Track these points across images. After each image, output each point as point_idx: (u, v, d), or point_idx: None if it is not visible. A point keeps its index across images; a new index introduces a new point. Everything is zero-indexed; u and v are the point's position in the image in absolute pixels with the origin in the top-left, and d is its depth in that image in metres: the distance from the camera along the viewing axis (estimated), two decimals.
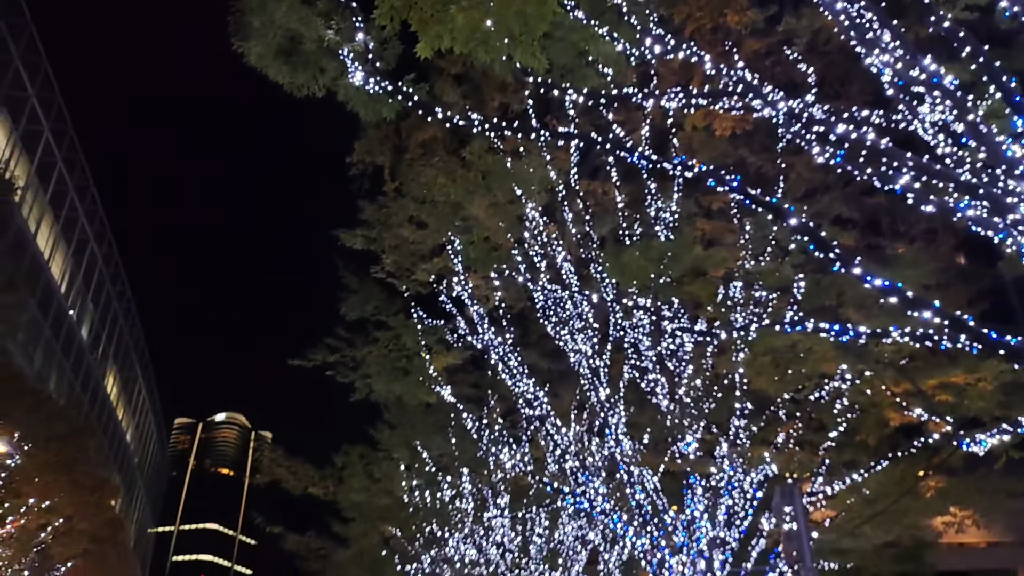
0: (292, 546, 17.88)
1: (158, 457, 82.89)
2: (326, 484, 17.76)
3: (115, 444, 59.61)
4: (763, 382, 10.98)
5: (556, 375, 14.64)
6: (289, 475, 17.38)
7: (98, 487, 24.89)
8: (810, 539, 8.25)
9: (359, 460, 18.71)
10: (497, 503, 17.53)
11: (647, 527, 11.46)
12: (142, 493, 72.83)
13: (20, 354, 35.83)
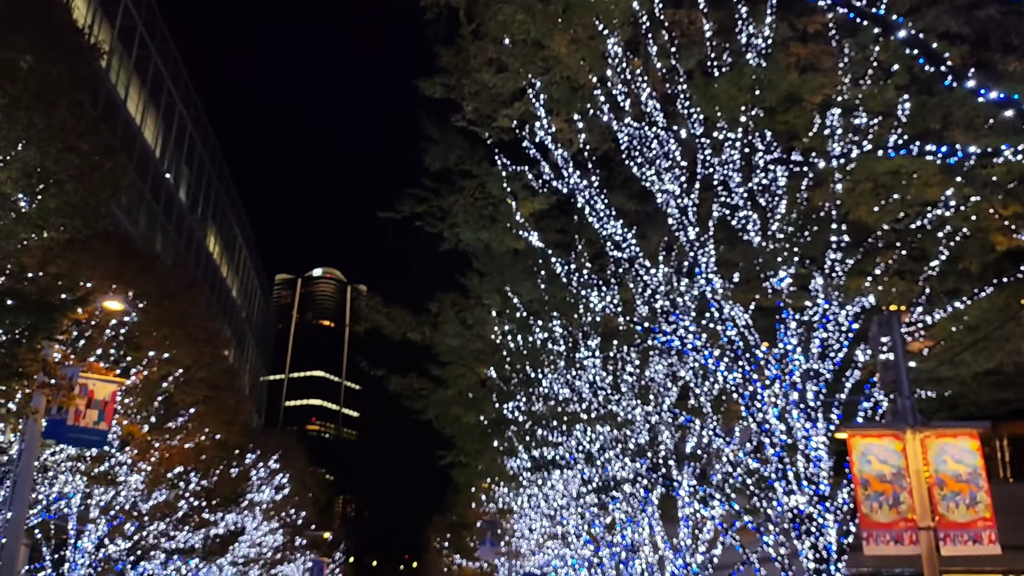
0: (395, 387, 18.84)
1: (263, 311, 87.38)
2: (423, 330, 18.42)
3: (222, 300, 62.97)
4: (862, 212, 10.59)
5: (643, 216, 14.46)
6: (388, 321, 18.07)
7: (211, 339, 26.49)
8: (908, 368, 8.16)
9: (451, 308, 19.24)
10: (588, 344, 17.90)
11: (738, 362, 11.55)
12: (252, 344, 77.40)
13: (125, 218, 37.62)
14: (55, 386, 16.59)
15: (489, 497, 30.87)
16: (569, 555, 26.36)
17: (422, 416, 20.84)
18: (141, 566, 28.51)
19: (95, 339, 19.92)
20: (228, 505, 31.96)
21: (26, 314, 14.17)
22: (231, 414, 28.22)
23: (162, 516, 26.70)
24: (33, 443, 18.05)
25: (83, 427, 17.80)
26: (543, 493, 24.23)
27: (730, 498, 15.02)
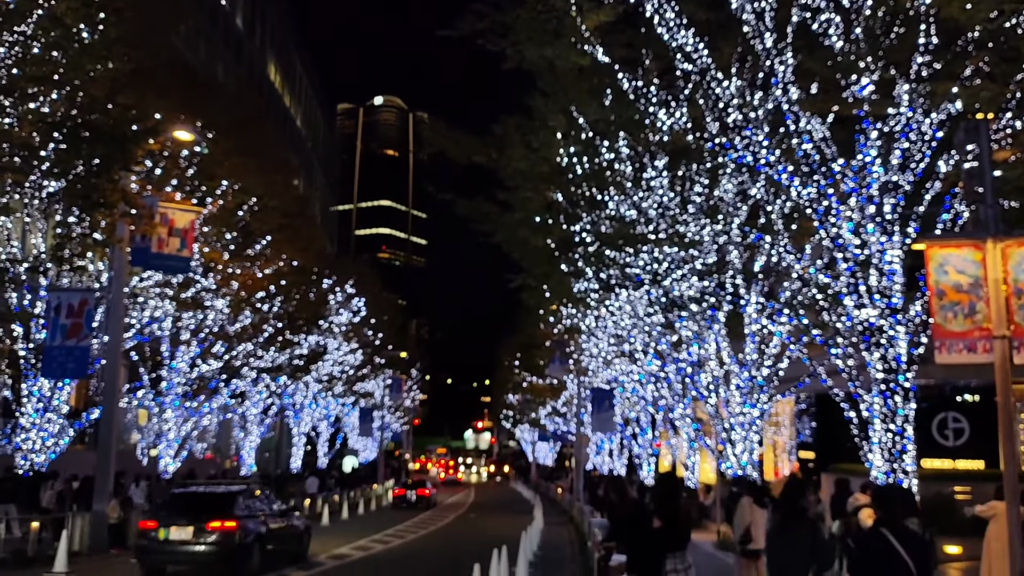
0: (463, 211, 18.97)
1: (327, 141, 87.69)
2: (488, 152, 18.26)
3: (287, 130, 63.25)
4: (953, 10, 9.78)
5: (715, 26, 13.65)
6: (453, 145, 17.94)
7: (281, 168, 26.92)
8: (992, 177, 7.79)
9: (516, 131, 18.93)
10: (655, 164, 17.55)
11: (813, 177, 11.22)
12: (319, 174, 78.36)
13: (185, 48, 37.35)
14: (136, 215, 17.22)
15: (557, 318, 31.65)
16: (636, 371, 27.19)
17: (490, 240, 21.07)
18: (233, 384, 30.59)
19: (170, 170, 20.42)
20: (309, 327, 33.60)
21: (101, 145, 14.51)
22: (306, 241, 29.09)
23: (249, 337, 28.28)
24: (121, 270, 19.04)
25: (167, 254, 18.61)
26: (610, 313, 24.69)
27: (798, 313, 15.07)
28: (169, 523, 14.54)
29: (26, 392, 19.84)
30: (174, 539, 14.32)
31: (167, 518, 14.73)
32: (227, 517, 14.50)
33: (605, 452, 46.42)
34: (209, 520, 14.36)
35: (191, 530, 14.34)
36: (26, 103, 13.77)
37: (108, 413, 18.71)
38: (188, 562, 14.73)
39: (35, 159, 14.53)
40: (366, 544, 20.67)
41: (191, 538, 14.33)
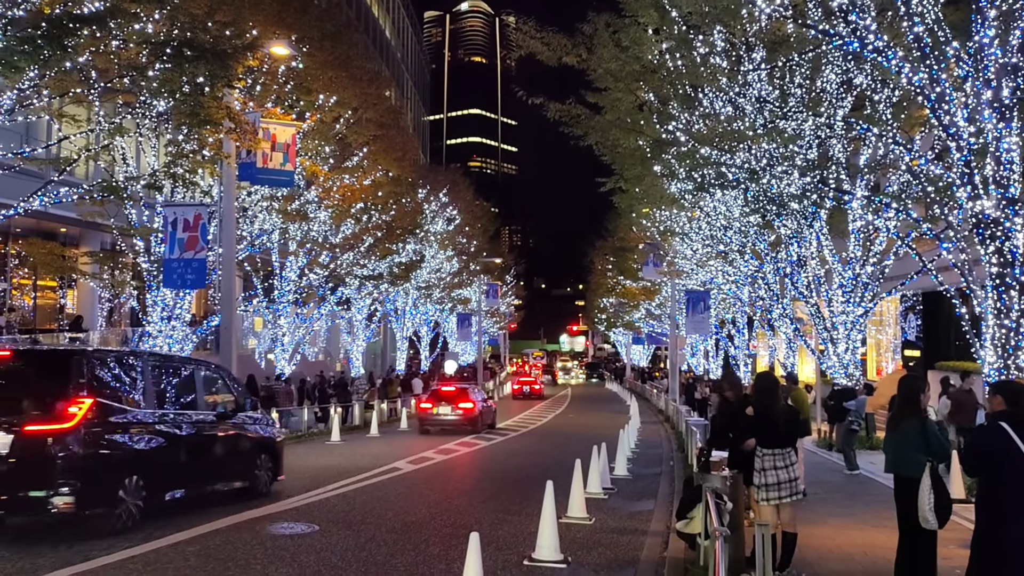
0: (553, 114, 18.80)
1: (416, 50, 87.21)
2: (578, 52, 17.94)
3: (377, 41, 63.14)
4: None
5: None
6: (543, 47, 17.67)
7: (373, 79, 27.09)
8: None
9: (606, 29, 18.47)
10: (752, 57, 16.90)
11: (925, 62, 10.64)
12: (409, 84, 78.34)
13: None
14: (240, 131, 17.79)
15: (651, 220, 31.37)
16: (732, 272, 26.87)
17: (581, 143, 20.88)
18: (338, 291, 31.83)
19: (269, 85, 20.89)
20: (407, 236, 34.40)
21: (204, 63, 14.93)
22: (400, 151, 29.48)
23: (351, 247, 29.21)
24: (231, 185, 19.83)
25: (271, 168, 19.24)
26: (704, 214, 24.32)
27: (907, 207, 14.54)
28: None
29: (151, 302, 21.21)
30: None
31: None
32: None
33: (700, 353, 46.43)
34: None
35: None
36: (130, 24, 14.24)
37: (227, 320, 19.84)
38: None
39: (143, 79, 15.11)
40: (471, 440, 21.61)
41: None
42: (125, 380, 9.68)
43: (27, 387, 8.85)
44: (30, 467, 8.18)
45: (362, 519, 9.83)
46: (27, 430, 8.28)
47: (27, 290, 29.05)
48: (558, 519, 7.96)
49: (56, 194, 15.09)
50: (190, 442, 10.27)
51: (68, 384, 8.68)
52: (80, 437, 8.43)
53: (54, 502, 8.11)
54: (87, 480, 8.34)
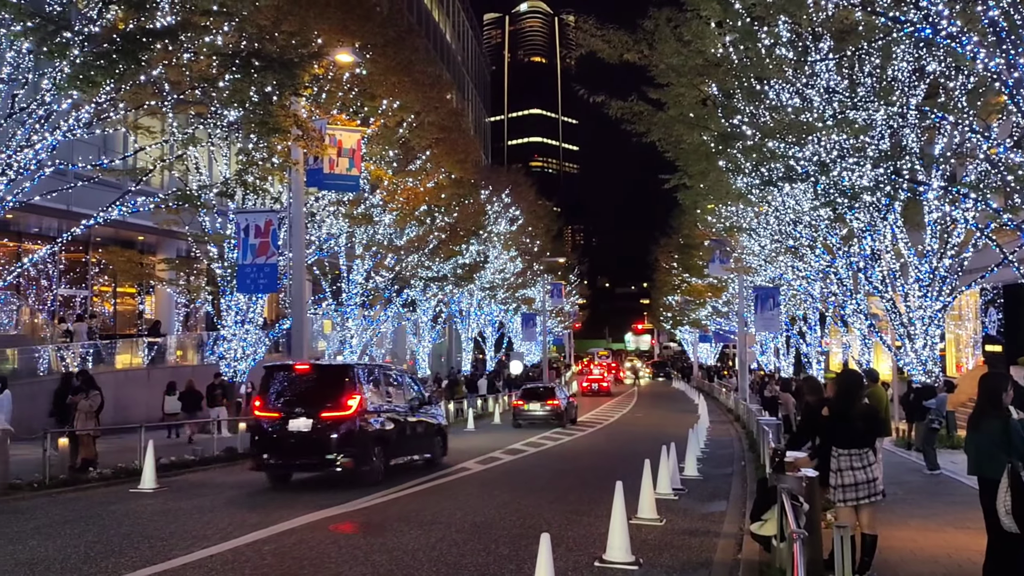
0: (615, 112, 18.64)
1: (476, 53, 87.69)
2: (640, 49, 17.76)
3: (438, 44, 63.69)
4: None
5: None
6: (603, 44, 17.54)
7: (435, 83, 27.36)
8: None
9: (667, 24, 18.25)
10: (820, 47, 16.51)
11: (1002, 46, 10.22)
12: (470, 86, 78.82)
13: None
14: (308, 138, 18.16)
15: (716, 216, 30.90)
16: (802, 268, 26.28)
17: (644, 140, 20.67)
18: (404, 293, 32.22)
19: (334, 92, 21.28)
20: (471, 237, 34.62)
21: (272, 72, 15.29)
22: (462, 153, 29.68)
23: (416, 249, 29.54)
24: (299, 191, 20.25)
25: (337, 174, 19.56)
26: (773, 208, 23.84)
27: (986, 197, 14.00)
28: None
29: (225, 307, 21.83)
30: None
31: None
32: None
33: (771, 351, 45.55)
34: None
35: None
36: (201, 37, 14.67)
37: (298, 323, 20.27)
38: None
39: (214, 90, 15.55)
40: (537, 440, 21.63)
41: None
42: (373, 384, 14.19)
43: (320, 389, 13.34)
44: (325, 440, 12.76)
45: (432, 518, 9.92)
46: (322, 416, 12.88)
47: (107, 297, 30.16)
48: (628, 520, 7.90)
49: (133, 204, 15.62)
50: (402, 426, 14.56)
51: (345, 387, 13.18)
52: (354, 421, 12.96)
53: (340, 462, 12.67)
54: (358, 448, 12.87)
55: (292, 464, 13.18)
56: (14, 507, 10.73)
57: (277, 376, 13.82)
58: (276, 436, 12.97)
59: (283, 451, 12.95)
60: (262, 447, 13.11)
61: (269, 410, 13.27)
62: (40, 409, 18.75)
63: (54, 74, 13.24)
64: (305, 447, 12.81)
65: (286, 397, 13.41)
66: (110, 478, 13.28)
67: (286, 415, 13.01)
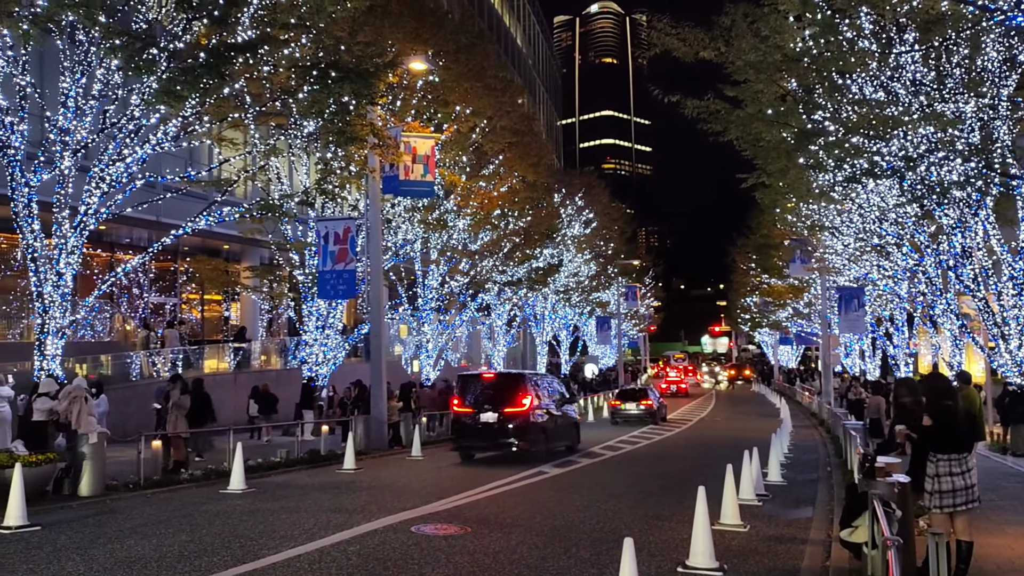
0: (690, 111, 18.35)
1: (547, 56, 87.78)
2: (716, 46, 17.46)
3: (509, 49, 64.01)
4: None
5: None
6: (678, 43, 17.32)
7: (507, 88, 27.49)
8: None
9: (743, 20, 17.89)
10: (904, 38, 15.95)
11: None
12: (541, 90, 78.93)
13: None
14: (384, 146, 18.48)
15: (796, 215, 30.15)
16: (888, 267, 25.43)
17: (720, 139, 20.29)
18: (479, 298, 32.42)
19: (408, 100, 21.59)
20: (544, 240, 34.63)
21: (348, 82, 15.60)
22: (535, 156, 29.74)
23: (490, 253, 29.71)
24: (376, 198, 20.62)
25: (413, 180, 19.85)
26: (856, 205, 23.12)
27: None
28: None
29: (307, 313, 22.35)
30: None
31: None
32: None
33: (855, 353, 44.20)
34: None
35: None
36: (280, 50, 15.08)
37: (375, 328, 20.63)
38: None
39: (293, 101, 15.97)
40: (614, 444, 21.46)
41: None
42: (537, 388, 18.55)
43: (502, 392, 17.83)
44: (506, 429, 17.15)
45: (512, 521, 9.94)
46: (504, 411, 17.27)
47: (195, 304, 31.23)
48: (711, 525, 7.75)
49: (219, 214, 16.14)
50: (555, 420, 18.80)
51: (521, 390, 17.77)
52: (527, 416, 17.34)
53: (517, 444, 17.00)
54: (530, 435, 17.25)
55: (482, 446, 17.70)
56: (111, 507, 11.18)
57: (470, 382, 18.73)
58: (470, 425, 17.56)
59: (475, 436, 17.53)
60: (459, 433, 17.87)
61: (465, 407, 17.89)
62: (132, 413, 19.54)
63: (142, 90, 13.79)
64: (492, 434, 17.31)
65: (477, 397, 17.84)
66: (201, 479, 13.73)
67: (477, 410, 17.51)
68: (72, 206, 14.00)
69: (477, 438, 17.48)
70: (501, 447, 17.31)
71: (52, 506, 10.92)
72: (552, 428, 18.49)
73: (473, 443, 17.63)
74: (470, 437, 17.55)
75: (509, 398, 17.49)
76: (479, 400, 17.66)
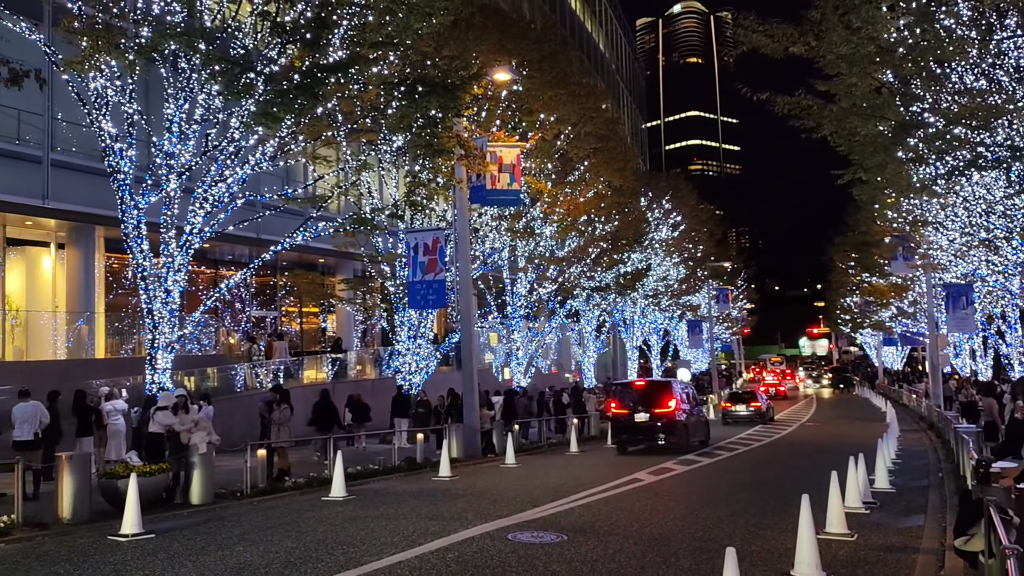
0: (781, 108, 17.90)
1: (630, 59, 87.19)
2: (806, 40, 17.00)
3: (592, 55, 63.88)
4: None
5: None
6: (767, 39, 16.92)
7: (590, 93, 27.45)
8: None
9: (834, 12, 17.37)
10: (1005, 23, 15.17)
11: None
12: (625, 93, 78.43)
13: None
14: (470, 157, 18.71)
15: (896, 211, 29.00)
16: (998, 262, 24.16)
17: (813, 136, 19.73)
18: (567, 304, 32.40)
19: (492, 110, 21.81)
20: (632, 245, 34.36)
21: (435, 96, 15.88)
22: (620, 161, 29.56)
23: (577, 260, 29.66)
24: (463, 208, 20.87)
25: (499, 189, 20.02)
26: (961, 199, 22.09)
27: None
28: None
29: (399, 323, 22.79)
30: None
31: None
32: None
33: (966, 353, 42.18)
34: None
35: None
36: (369, 68, 15.47)
37: (466, 337, 20.85)
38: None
39: (382, 118, 16.35)
40: (709, 451, 21.07)
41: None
42: (680, 392, 22.08)
43: (652, 395, 21.37)
44: (656, 427, 20.62)
45: (608, 530, 9.88)
46: (655, 412, 20.75)
47: (294, 316, 32.25)
48: (816, 534, 7.52)
49: (315, 229, 16.63)
50: (694, 418, 22.32)
51: (667, 394, 21.37)
52: (674, 415, 20.77)
53: (665, 440, 20.42)
54: (677, 432, 20.69)
55: (636, 441, 21.07)
56: (220, 514, 11.64)
57: (624, 388, 23.03)
58: (626, 424, 21.14)
59: (630, 433, 21.07)
60: (617, 431, 21.59)
61: (621, 409, 21.56)
62: (238, 423, 20.30)
63: (241, 113, 14.37)
64: (644, 431, 20.82)
65: (630, 400, 21.44)
66: (303, 487, 14.14)
67: (632, 411, 21.08)
68: (178, 226, 14.66)
69: (632, 434, 20.98)
70: (652, 441, 20.69)
71: (165, 514, 11.43)
72: (691, 425, 21.82)
73: (629, 439, 21.06)
74: (626, 434, 21.11)
75: (657, 401, 21.00)
76: (633, 403, 21.24)
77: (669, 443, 20.34)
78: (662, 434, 20.39)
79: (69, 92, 14.04)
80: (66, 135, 21.56)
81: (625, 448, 21.02)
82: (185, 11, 13.76)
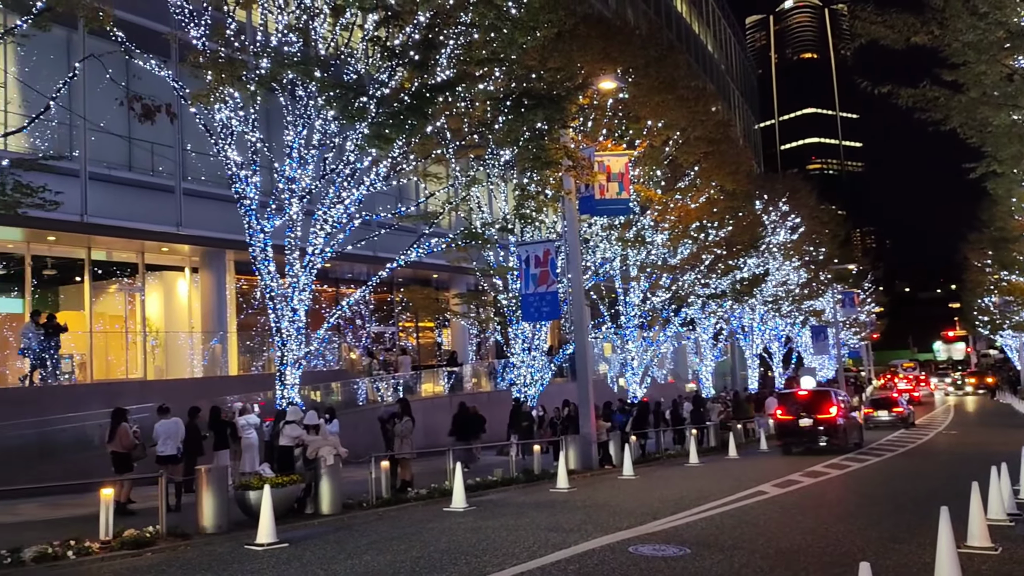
0: (905, 101, 17.07)
1: (740, 58, 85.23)
2: (929, 29, 16.17)
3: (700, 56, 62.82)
4: None
5: None
6: (887, 30, 16.20)
7: (699, 97, 26.94)
8: None
9: None
10: None
11: None
12: (736, 94, 76.68)
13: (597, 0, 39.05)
14: (578, 168, 18.71)
15: None
16: None
17: (941, 128, 18.72)
18: (682, 312, 31.83)
19: (599, 119, 21.75)
20: (748, 250, 33.45)
21: (541, 109, 15.99)
22: (733, 164, 28.87)
23: (691, 267, 29.13)
24: (573, 219, 20.87)
25: (608, 199, 19.93)
26: None
27: None
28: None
29: (512, 335, 22.96)
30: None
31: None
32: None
33: None
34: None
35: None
36: (475, 85, 15.72)
37: (580, 348, 20.80)
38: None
39: (490, 133, 16.58)
40: (840, 463, 20.23)
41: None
42: (839, 399, 24.49)
43: (814, 403, 23.77)
44: (819, 431, 23.06)
45: (733, 543, 9.61)
46: (817, 417, 23.09)
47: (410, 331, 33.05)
48: (956, 548, 7.09)
49: (428, 245, 17.00)
50: (851, 422, 25.03)
51: (828, 401, 23.74)
52: (835, 420, 23.20)
53: (828, 441, 22.95)
54: (838, 435, 23.27)
55: (800, 443, 23.40)
56: (348, 524, 12.01)
57: (788, 397, 25.80)
58: (791, 429, 23.46)
59: (795, 436, 23.48)
60: (783, 435, 24.05)
61: (786, 415, 24.03)
62: (361, 435, 20.92)
63: (355, 136, 14.88)
64: (807, 434, 23.16)
65: (795, 407, 23.84)
66: (425, 497, 14.43)
67: (796, 417, 23.38)
68: (301, 247, 15.28)
69: (797, 437, 23.43)
70: (814, 443, 23.02)
71: (297, 524, 11.89)
72: (848, 428, 24.26)
73: (794, 441, 23.55)
74: (791, 437, 23.60)
75: (819, 407, 23.45)
76: (797, 409, 23.69)
77: (831, 445, 22.74)
78: (825, 436, 22.75)
79: (196, 124, 14.87)
80: (195, 165, 22.91)
81: (789, 449, 23.61)
82: (301, 41, 14.37)
